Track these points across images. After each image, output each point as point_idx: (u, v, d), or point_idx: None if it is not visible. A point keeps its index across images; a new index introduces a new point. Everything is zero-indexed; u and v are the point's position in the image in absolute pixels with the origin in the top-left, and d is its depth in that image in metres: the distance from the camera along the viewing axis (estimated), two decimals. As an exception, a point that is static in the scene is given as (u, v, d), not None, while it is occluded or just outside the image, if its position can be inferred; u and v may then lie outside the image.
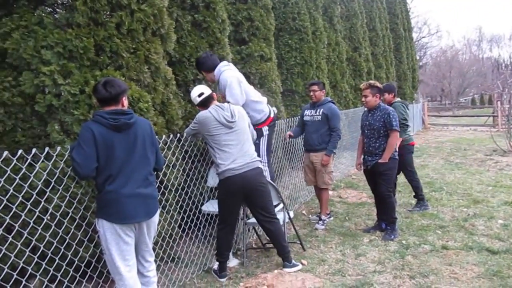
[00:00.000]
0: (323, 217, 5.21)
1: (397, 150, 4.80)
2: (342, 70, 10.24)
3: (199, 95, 3.64)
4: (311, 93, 5.22)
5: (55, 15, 3.15)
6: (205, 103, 3.65)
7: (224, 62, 4.16)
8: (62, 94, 3.02)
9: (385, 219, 4.83)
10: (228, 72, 4.03)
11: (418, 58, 28.70)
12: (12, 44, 3.00)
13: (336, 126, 5.10)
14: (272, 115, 4.33)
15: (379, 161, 4.68)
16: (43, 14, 3.10)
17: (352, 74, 11.27)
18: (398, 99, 5.82)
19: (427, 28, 44.61)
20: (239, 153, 3.53)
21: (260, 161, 3.75)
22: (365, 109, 4.97)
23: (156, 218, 2.80)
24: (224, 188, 3.61)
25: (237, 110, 3.65)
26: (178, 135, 3.61)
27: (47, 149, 2.59)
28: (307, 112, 5.29)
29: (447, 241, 4.52)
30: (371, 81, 4.91)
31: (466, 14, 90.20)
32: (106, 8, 3.18)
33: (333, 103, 5.29)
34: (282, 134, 5.60)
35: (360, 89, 4.91)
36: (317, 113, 5.14)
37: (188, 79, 4.55)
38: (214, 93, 3.76)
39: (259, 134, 4.17)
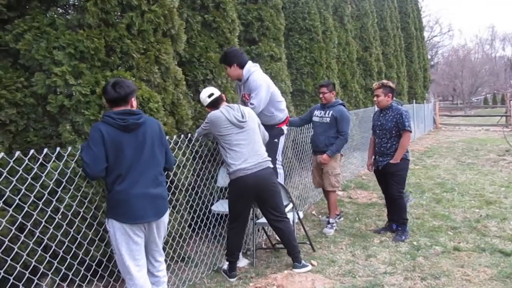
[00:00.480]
0: (331, 220, 5.08)
1: (408, 150, 4.73)
2: (352, 70, 10.18)
3: (209, 96, 3.65)
4: (321, 95, 5.11)
5: (67, 16, 3.18)
6: (215, 104, 3.66)
7: (252, 63, 4.17)
8: (74, 94, 3.05)
9: (396, 220, 4.78)
10: (259, 75, 4.09)
11: (429, 57, 28.44)
12: (24, 45, 3.04)
13: (345, 130, 4.97)
14: (288, 114, 4.49)
15: (391, 161, 4.62)
16: (55, 16, 3.13)
17: (362, 74, 11.21)
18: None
19: (438, 27, 44.41)
20: (250, 152, 3.53)
21: (271, 161, 3.73)
22: (376, 109, 4.93)
23: (166, 218, 2.81)
24: (235, 188, 3.60)
25: (247, 111, 3.66)
26: (189, 135, 3.62)
27: (58, 149, 2.61)
28: (316, 112, 5.18)
29: (459, 243, 4.47)
30: (384, 81, 4.83)
31: (479, 13, 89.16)
32: (116, 9, 3.20)
33: (344, 105, 5.18)
34: (292, 133, 5.59)
35: (370, 89, 4.87)
36: (327, 115, 5.03)
37: (198, 79, 4.56)
38: (223, 94, 3.77)
39: (280, 132, 4.33)
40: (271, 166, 3.68)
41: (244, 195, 3.60)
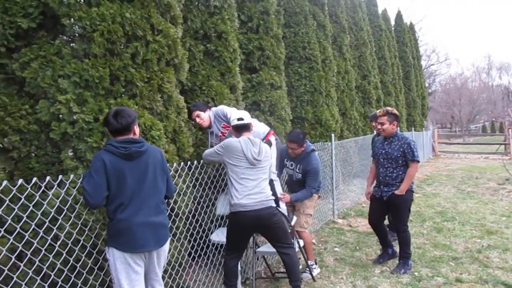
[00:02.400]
0: (310, 262, 4.52)
1: (413, 181, 4.62)
2: (351, 97, 10.31)
3: (238, 119, 3.62)
4: (290, 150, 4.54)
5: (73, 46, 3.25)
6: (239, 129, 3.64)
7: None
8: (77, 122, 3.08)
9: (400, 254, 4.62)
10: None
11: (427, 85, 28.78)
12: (30, 73, 3.10)
13: (312, 185, 4.50)
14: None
15: (396, 192, 4.47)
16: (61, 45, 3.20)
17: (361, 102, 11.34)
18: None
19: (435, 55, 45.03)
20: (254, 189, 3.48)
21: (275, 200, 3.66)
22: (377, 136, 4.86)
23: (166, 246, 2.79)
24: (235, 221, 3.55)
25: (265, 149, 3.63)
26: (189, 162, 3.63)
27: (60, 177, 2.62)
28: (287, 162, 4.69)
29: (460, 274, 4.42)
30: (388, 108, 4.69)
31: (475, 42, 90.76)
32: (122, 39, 3.28)
33: (313, 150, 4.66)
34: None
35: (368, 117, 4.80)
36: (298, 170, 4.59)
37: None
38: (252, 124, 3.72)
39: (269, 144, 4.04)
40: (274, 205, 3.62)
41: (242, 229, 3.58)
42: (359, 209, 7.66)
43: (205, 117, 4.14)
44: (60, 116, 3.10)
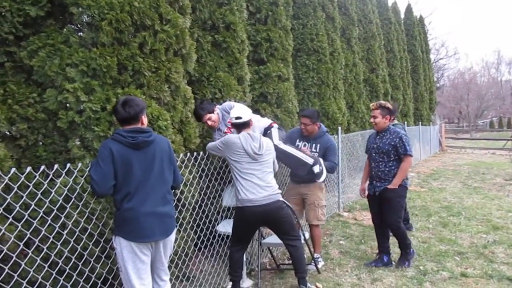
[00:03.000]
0: (316, 255, 4.51)
1: (408, 177, 4.51)
2: (359, 91, 10.24)
3: (236, 118, 3.61)
4: (302, 126, 4.52)
5: (81, 34, 3.24)
6: (238, 127, 3.64)
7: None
8: (84, 111, 3.09)
9: (399, 246, 4.54)
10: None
11: (435, 79, 28.53)
12: (38, 61, 3.09)
13: (334, 160, 4.52)
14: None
15: (389, 186, 4.35)
16: (69, 33, 3.19)
17: (369, 95, 11.26)
18: (396, 122, 5.64)
19: (445, 50, 44.53)
20: (261, 183, 3.48)
21: (281, 194, 3.66)
22: (374, 131, 4.72)
23: (172, 236, 2.80)
24: (242, 216, 3.55)
25: (266, 143, 3.62)
26: (195, 153, 3.63)
27: (68, 165, 2.63)
28: (299, 143, 4.57)
29: (466, 268, 4.41)
30: (382, 101, 4.57)
31: (485, 37, 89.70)
32: (130, 28, 3.26)
33: (327, 132, 4.72)
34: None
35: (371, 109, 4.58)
36: (314, 149, 4.50)
37: (206, 98, 4.60)
38: (252, 120, 3.70)
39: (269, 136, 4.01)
40: (281, 199, 3.62)
41: (249, 224, 3.58)
42: (364, 202, 7.61)
43: (215, 118, 4.06)
44: (68, 104, 3.10)
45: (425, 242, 5.30)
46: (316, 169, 4.21)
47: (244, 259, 4.00)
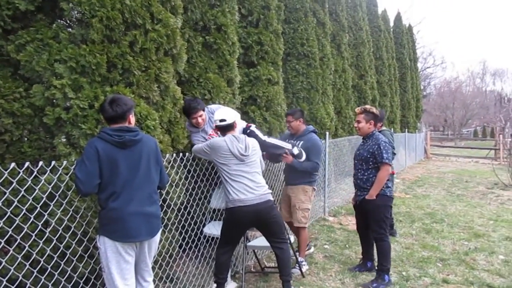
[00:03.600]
0: (300, 259, 4.52)
1: (389, 185, 4.26)
2: (347, 96, 10.32)
3: (220, 120, 3.60)
4: (287, 124, 4.73)
5: (71, 31, 3.20)
6: (223, 129, 3.63)
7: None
8: (72, 107, 3.05)
9: (377, 266, 4.27)
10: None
11: (422, 88, 28.92)
12: (25, 56, 3.05)
13: (316, 160, 4.54)
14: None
15: (366, 197, 4.17)
16: (59, 29, 3.15)
17: (357, 101, 11.35)
18: (384, 128, 5.69)
19: (432, 58, 45.12)
20: (251, 184, 3.48)
21: (271, 193, 3.68)
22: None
23: (157, 237, 2.78)
24: (233, 217, 3.53)
25: (251, 144, 3.63)
26: (181, 154, 3.61)
27: (54, 163, 2.60)
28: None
29: (447, 275, 4.47)
30: (367, 106, 4.40)
31: (471, 47, 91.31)
32: (121, 26, 3.24)
33: (316, 132, 4.77)
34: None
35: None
36: (298, 145, 4.50)
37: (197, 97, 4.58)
38: (236, 123, 3.68)
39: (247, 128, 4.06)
40: (272, 198, 3.63)
41: (239, 225, 3.57)
42: (350, 207, 7.67)
43: (205, 117, 3.99)
44: (55, 101, 3.06)
45: (408, 248, 5.36)
46: (295, 150, 4.29)
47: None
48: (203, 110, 3.96)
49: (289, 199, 4.65)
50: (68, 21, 3.35)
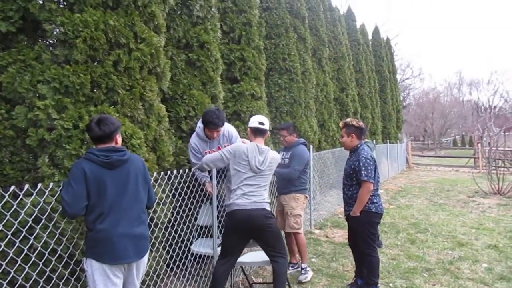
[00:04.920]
0: (303, 265, 4.74)
1: (375, 201, 4.10)
2: (329, 109, 10.46)
3: (260, 123, 3.72)
4: (282, 138, 5.09)
5: (53, 51, 3.20)
6: (257, 132, 3.72)
7: None
8: (55, 128, 3.03)
9: (365, 280, 4.21)
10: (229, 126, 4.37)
11: (402, 99, 29.51)
12: (7, 77, 3.04)
13: (296, 167, 4.76)
14: None
15: (350, 213, 4.10)
16: (41, 50, 3.14)
17: (339, 114, 11.52)
18: (366, 139, 5.75)
19: (410, 70, 46.20)
20: (251, 192, 3.56)
21: (269, 204, 3.72)
22: None
23: (145, 258, 2.75)
24: (230, 222, 3.60)
25: (271, 158, 3.67)
26: (169, 172, 3.61)
27: (40, 185, 2.57)
28: (280, 154, 4.74)
29: (433, 285, 4.53)
30: (348, 119, 4.28)
31: (447, 59, 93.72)
32: (104, 46, 3.25)
33: (305, 144, 5.05)
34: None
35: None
36: (286, 156, 4.95)
37: (180, 116, 4.60)
38: (268, 132, 3.82)
39: None
40: (268, 208, 3.65)
41: (236, 231, 3.57)
42: (336, 220, 7.75)
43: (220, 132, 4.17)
44: (38, 122, 3.04)
45: (394, 259, 5.41)
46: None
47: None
48: (223, 125, 4.09)
49: (283, 208, 4.91)
50: (51, 42, 3.34)
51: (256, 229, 3.59)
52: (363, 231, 4.08)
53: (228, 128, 4.26)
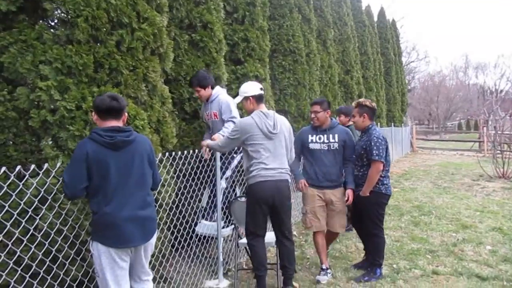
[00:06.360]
0: (324, 266, 4.25)
1: (385, 182, 4.12)
2: (334, 92, 10.38)
3: (261, 88, 3.65)
4: (312, 115, 4.25)
5: (55, 31, 3.15)
6: (259, 99, 3.63)
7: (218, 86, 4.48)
8: (58, 109, 3.00)
9: (370, 260, 4.28)
10: (227, 96, 4.37)
11: (407, 82, 29.25)
12: (8, 58, 2.99)
13: (351, 157, 4.24)
14: None
15: (360, 193, 4.09)
16: (42, 29, 3.10)
17: (343, 97, 11.44)
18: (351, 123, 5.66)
19: (415, 53, 45.58)
20: (273, 160, 3.47)
21: (289, 174, 3.66)
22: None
23: (153, 239, 2.71)
24: (253, 194, 3.50)
25: (280, 121, 3.60)
26: (173, 153, 3.59)
27: (46, 165, 2.56)
28: (312, 137, 4.23)
29: (437, 266, 4.54)
30: (361, 100, 4.34)
31: (453, 41, 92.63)
32: (107, 26, 3.20)
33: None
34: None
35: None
36: (333, 139, 4.17)
37: (183, 98, 4.57)
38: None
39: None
40: (289, 179, 3.61)
41: (261, 202, 3.47)
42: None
43: (203, 94, 4.32)
44: (40, 103, 3.01)
45: (398, 241, 5.42)
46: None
47: (221, 259, 4.00)
48: (200, 87, 4.25)
49: (333, 204, 4.18)
50: (51, 22, 3.29)
51: (280, 203, 3.51)
52: (371, 212, 4.12)
53: (221, 97, 4.30)
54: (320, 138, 4.20)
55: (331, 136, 4.18)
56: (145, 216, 2.59)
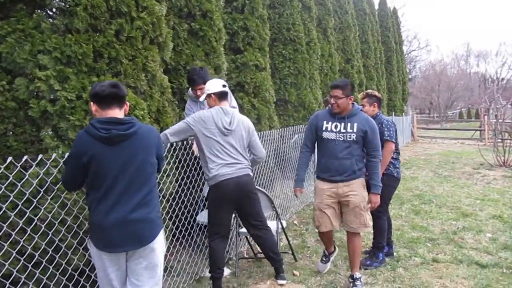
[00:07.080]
0: (357, 275, 3.73)
1: (397, 166, 4.31)
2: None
3: (223, 86, 3.56)
4: (332, 101, 3.60)
5: (53, 21, 3.13)
6: (222, 96, 3.53)
7: None
8: (58, 99, 2.99)
9: (373, 242, 4.37)
10: None
11: (408, 71, 29.14)
12: (6, 48, 2.97)
13: (379, 148, 3.72)
14: None
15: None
16: (40, 19, 3.07)
17: (344, 86, 11.38)
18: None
19: (417, 42, 45.48)
20: (230, 157, 3.42)
21: (251, 169, 3.64)
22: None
23: (155, 243, 2.37)
24: (215, 194, 3.45)
25: (239, 120, 3.54)
26: (174, 143, 3.59)
27: (54, 155, 2.56)
28: (327, 125, 3.67)
29: (437, 254, 4.56)
30: (369, 90, 4.55)
31: (455, 30, 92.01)
32: (106, 15, 3.17)
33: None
34: (275, 143, 5.61)
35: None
36: (350, 129, 3.59)
37: (183, 87, 4.55)
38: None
39: None
40: (251, 174, 3.59)
41: (224, 201, 3.45)
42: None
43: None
44: (40, 93, 3.00)
45: (398, 229, 5.44)
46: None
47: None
48: (204, 83, 3.80)
49: (339, 199, 3.69)
50: (49, 11, 3.26)
51: (245, 197, 3.49)
52: (382, 193, 3.99)
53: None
54: (336, 127, 3.62)
55: (349, 125, 3.59)
56: (137, 218, 2.27)
